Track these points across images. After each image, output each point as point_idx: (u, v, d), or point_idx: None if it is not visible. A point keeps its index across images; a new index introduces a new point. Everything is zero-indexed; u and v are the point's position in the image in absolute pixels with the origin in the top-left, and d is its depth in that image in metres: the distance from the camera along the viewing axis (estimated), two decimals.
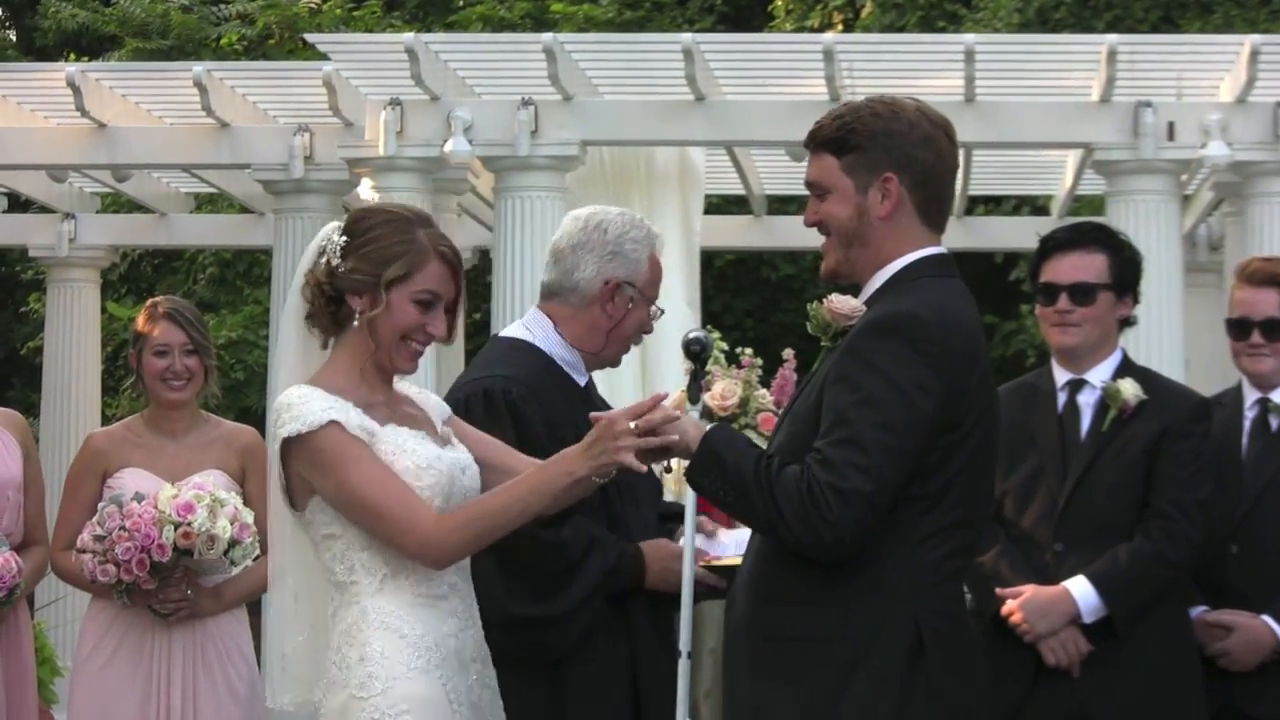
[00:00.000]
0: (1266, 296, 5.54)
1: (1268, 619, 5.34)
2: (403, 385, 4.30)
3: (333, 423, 3.98)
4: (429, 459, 4.08)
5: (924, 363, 3.77)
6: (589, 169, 10.48)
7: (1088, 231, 5.41)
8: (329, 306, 4.13)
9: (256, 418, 13.16)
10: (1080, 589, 5.08)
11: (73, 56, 17.80)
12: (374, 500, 3.97)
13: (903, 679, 3.78)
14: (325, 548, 4.07)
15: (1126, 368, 5.30)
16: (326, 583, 4.11)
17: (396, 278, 4.09)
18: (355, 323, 4.10)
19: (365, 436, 4.02)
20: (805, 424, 3.87)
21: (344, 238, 4.13)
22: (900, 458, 3.74)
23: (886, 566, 3.79)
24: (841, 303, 3.98)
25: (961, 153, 11.16)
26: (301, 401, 4.01)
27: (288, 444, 4.01)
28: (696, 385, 4.65)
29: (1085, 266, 5.26)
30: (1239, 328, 5.56)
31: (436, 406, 4.33)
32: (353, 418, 4.02)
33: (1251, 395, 5.58)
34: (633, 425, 3.88)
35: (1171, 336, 9.70)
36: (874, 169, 3.93)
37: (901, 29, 16.63)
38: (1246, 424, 5.56)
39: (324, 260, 4.12)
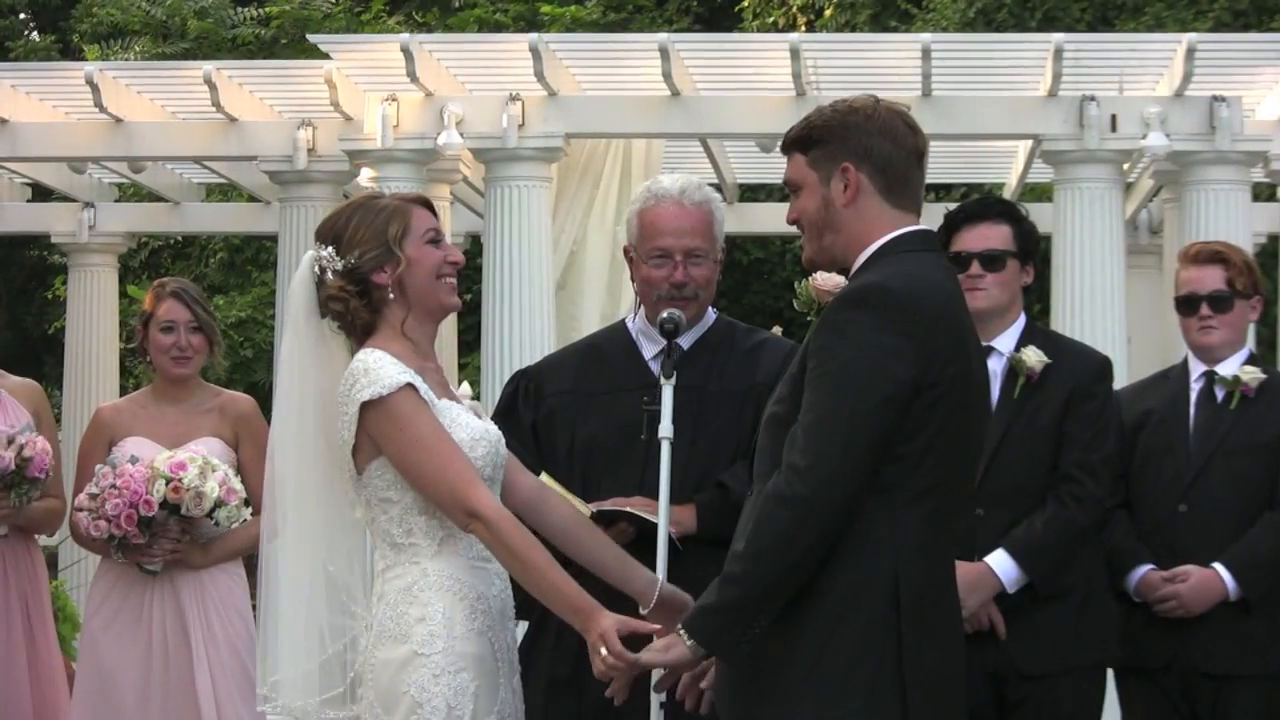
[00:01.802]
0: (1212, 274, 5.53)
1: (1218, 566, 5.28)
2: None
3: (409, 385, 3.97)
4: (480, 431, 4.08)
5: (895, 330, 3.71)
6: (568, 159, 10.43)
7: (992, 204, 5.41)
8: (360, 300, 4.09)
9: (264, 393, 13.07)
10: (1000, 563, 5.01)
11: (105, 53, 17.70)
12: (439, 461, 3.95)
13: (883, 636, 3.70)
14: (381, 510, 4.04)
15: (1030, 333, 5.25)
16: (385, 545, 4.06)
17: (400, 233, 4.09)
18: (391, 295, 4.08)
19: (429, 404, 4.01)
20: (789, 395, 3.82)
21: (329, 248, 4.10)
22: (876, 424, 3.68)
23: (872, 524, 3.71)
24: (825, 279, 3.94)
25: None
26: (378, 365, 3.98)
27: (365, 407, 3.96)
28: (670, 362, 4.59)
29: (992, 235, 5.22)
30: (1187, 304, 5.58)
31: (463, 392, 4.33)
32: (420, 384, 4.01)
33: (1198, 368, 5.57)
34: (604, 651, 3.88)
35: (1114, 315, 9.65)
36: (833, 160, 3.90)
37: (854, 27, 16.58)
38: (1193, 394, 5.53)
39: (327, 275, 4.08)
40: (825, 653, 3.71)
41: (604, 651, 3.84)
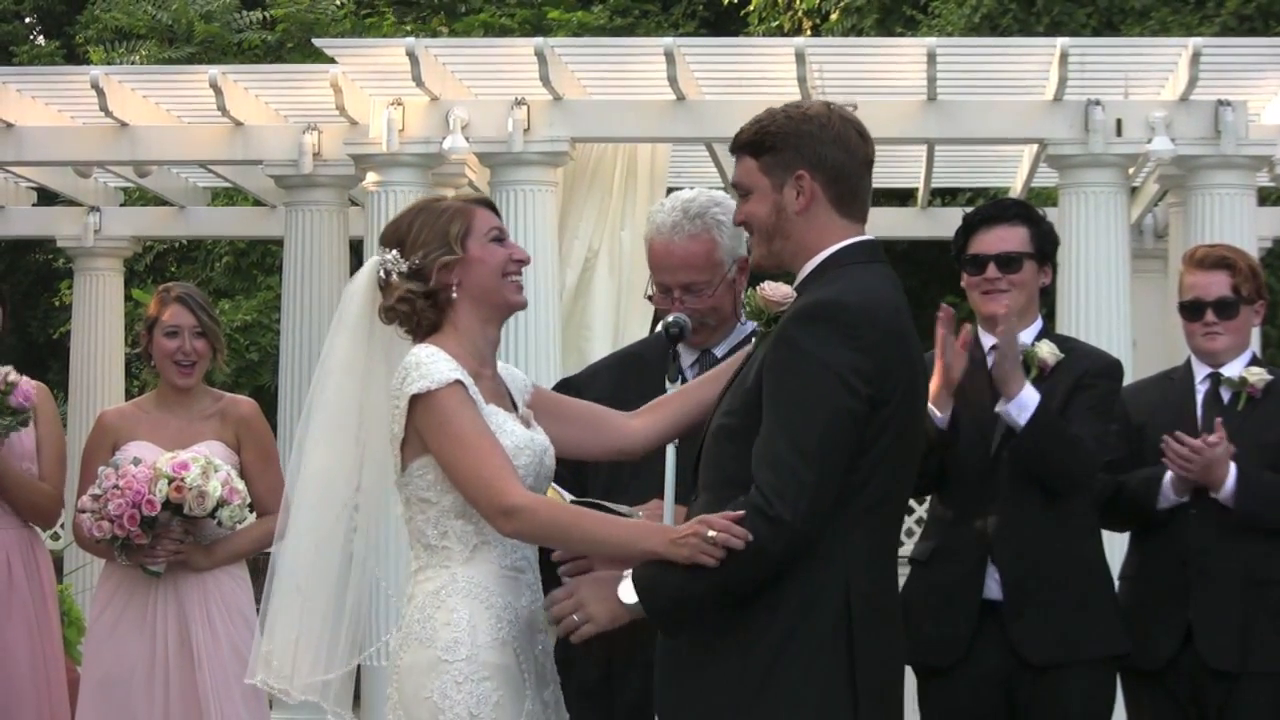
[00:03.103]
0: (1218, 280, 5.53)
1: (1234, 468, 5.31)
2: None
3: (457, 382, 3.95)
4: (525, 440, 4.04)
5: (852, 346, 3.72)
6: (575, 165, 10.43)
7: (1009, 207, 5.44)
8: (426, 301, 4.08)
9: (269, 396, 13.09)
10: (1030, 393, 5.07)
11: (111, 57, 17.72)
12: (471, 456, 3.91)
13: (836, 648, 3.72)
14: (419, 510, 4.02)
15: (1046, 334, 5.32)
16: (419, 546, 4.04)
17: (462, 232, 4.08)
18: (455, 294, 4.07)
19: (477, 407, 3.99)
20: (742, 407, 3.83)
21: (393, 251, 4.09)
22: (839, 442, 3.70)
23: (823, 538, 3.72)
24: (773, 289, 3.94)
25: (924, 148, 11.22)
26: (430, 360, 3.97)
27: (415, 400, 3.95)
28: (676, 365, 4.59)
29: (1009, 238, 5.26)
30: (1192, 310, 5.58)
31: (521, 382, 4.28)
32: (470, 384, 3.99)
33: (1202, 371, 5.58)
34: (712, 534, 3.73)
35: (1119, 319, 9.65)
36: (788, 167, 3.90)
37: (860, 32, 16.57)
38: (1199, 396, 5.55)
39: (392, 278, 4.08)
40: (778, 666, 3.73)
41: (712, 533, 3.70)
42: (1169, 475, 5.35)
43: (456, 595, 3.98)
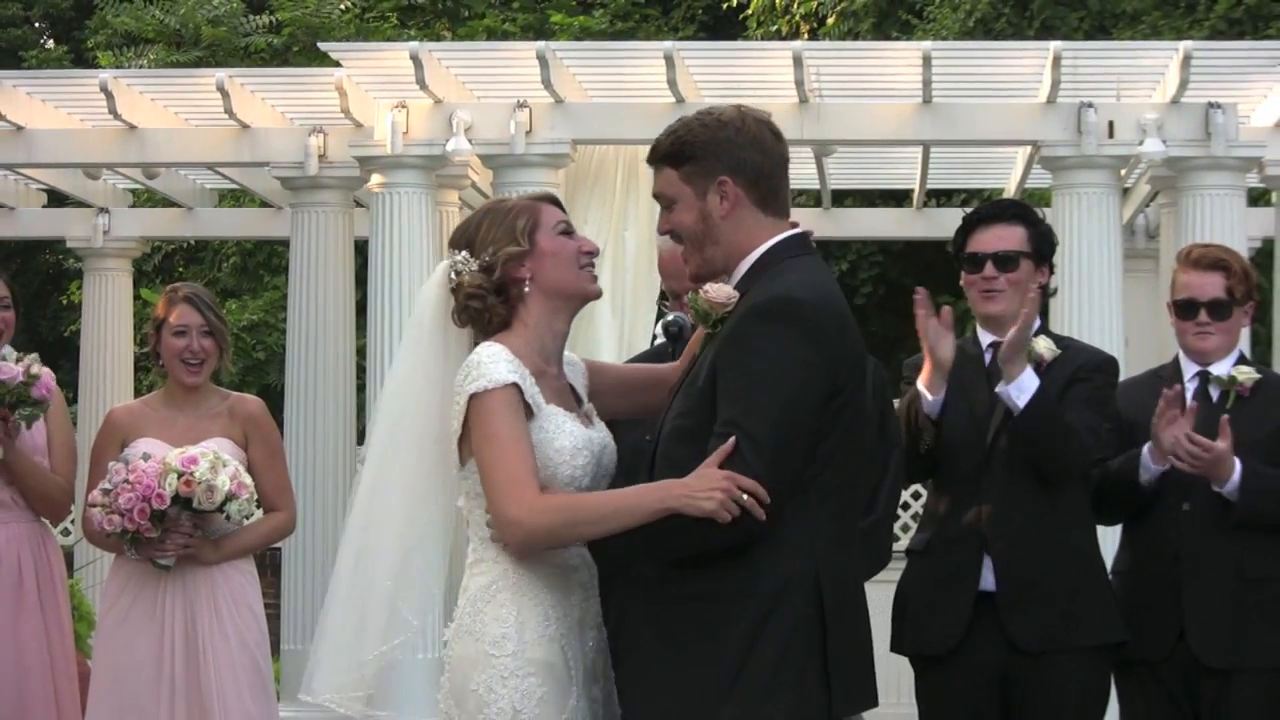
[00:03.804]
0: (1213, 281, 5.52)
1: (1240, 463, 5.30)
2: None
3: (513, 384, 3.93)
4: (584, 440, 4.04)
5: (807, 341, 3.76)
6: (577, 167, 10.43)
7: (1007, 207, 5.47)
8: (498, 297, 4.07)
9: (276, 395, 13.10)
10: (1030, 377, 5.09)
11: (119, 61, 17.74)
12: (495, 460, 3.91)
13: (809, 633, 3.75)
14: (477, 504, 4.03)
15: (1044, 332, 5.33)
16: (476, 539, 4.04)
17: (530, 227, 4.08)
18: (528, 288, 4.06)
19: (534, 408, 3.97)
20: (697, 407, 3.85)
21: (463, 252, 4.09)
22: (797, 433, 3.73)
23: (790, 525, 3.76)
24: (717, 291, 3.95)
25: (919, 149, 11.22)
26: (490, 360, 3.96)
27: (472, 399, 3.95)
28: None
29: (1006, 237, 5.28)
30: (1186, 309, 5.56)
31: (581, 373, 4.28)
32: (528, 386, 3.97)
33: (1191, 369, 5.58)
34: (745, 497, 3.73)
35: (1112, 317, 9.65)
36: (709, 175, 3.93)
37: (857, 35, 16.60)
38: (1189, 394, 5.53)
39: (463, 277, 4.06)
40: (753, 653, 3.75)
41: (746, 496, 3.71)
42: (1147, 446, 5.36)
43: (507, 590, 3.99)
